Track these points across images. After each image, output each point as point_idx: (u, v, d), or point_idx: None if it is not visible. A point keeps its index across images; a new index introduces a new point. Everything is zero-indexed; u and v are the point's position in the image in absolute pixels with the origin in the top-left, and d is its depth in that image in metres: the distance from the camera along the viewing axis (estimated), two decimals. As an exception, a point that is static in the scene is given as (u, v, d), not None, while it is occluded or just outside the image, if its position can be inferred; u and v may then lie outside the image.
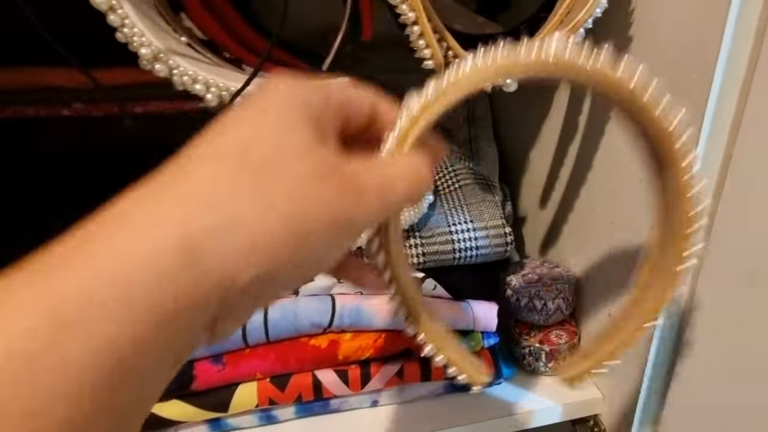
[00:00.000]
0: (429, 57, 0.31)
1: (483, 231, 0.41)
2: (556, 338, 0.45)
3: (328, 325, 0.39)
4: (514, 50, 0.21)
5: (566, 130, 0.47)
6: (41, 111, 0.44)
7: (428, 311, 0.25)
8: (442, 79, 0.21)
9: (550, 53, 0.20)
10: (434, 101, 0.21)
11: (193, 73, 0.31)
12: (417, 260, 0.40)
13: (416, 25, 0.29)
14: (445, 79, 0.21)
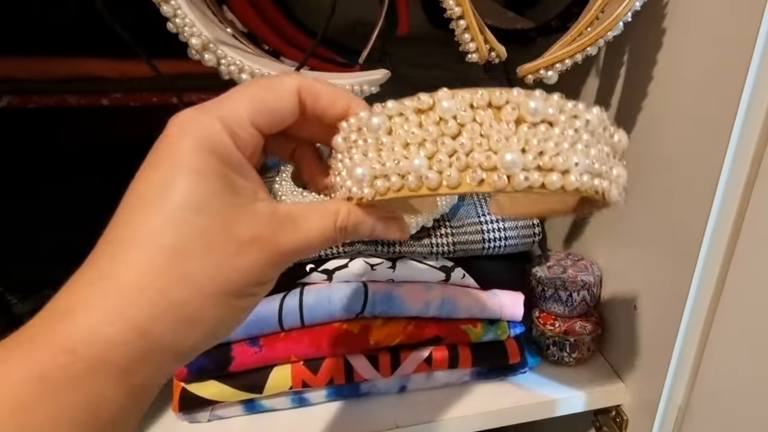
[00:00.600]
0: (473, 50, 0.31)
1: (512, 222, 0.42)
2: (581, 329, 0.46)
3: (361, 311, 0.40)
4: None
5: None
6: (82, 100, 0.46)
7: None
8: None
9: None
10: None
11: (240, 62, 0.32)
12: (447, 249, 0.41)
13: (462, 20, 0.30)
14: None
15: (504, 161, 0.18)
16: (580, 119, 0.19)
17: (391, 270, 0.41)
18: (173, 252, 0.17)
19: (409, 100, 0.20)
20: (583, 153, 0.19)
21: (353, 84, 0.34)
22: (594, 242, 0.50)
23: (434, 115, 0.19)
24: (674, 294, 0.37)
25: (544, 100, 0.19)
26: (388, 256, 0.41)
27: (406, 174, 0.19)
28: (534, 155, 0.18)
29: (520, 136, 0.18)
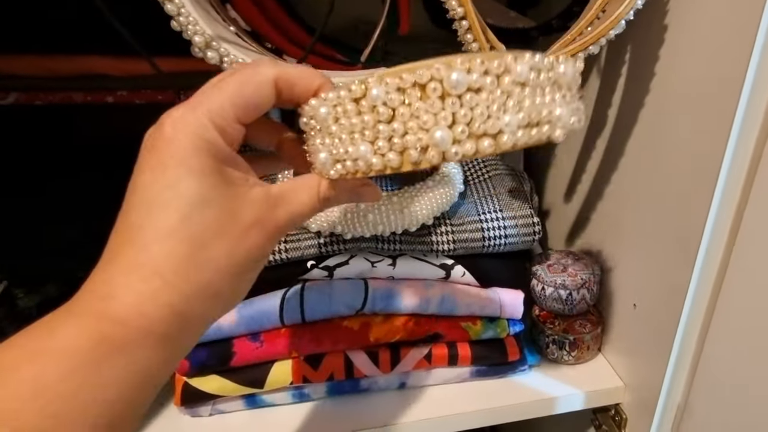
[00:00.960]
0: (476, 50, 0.32)
1: (512, 220, 0.42)
2: (581, 328, 0.46)
3: (361, 307, 0.40)
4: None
5: (595, 122, 0.48)
6: (88, 97, 0.46)
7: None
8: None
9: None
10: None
11: (243, 60, 0.32)
12: (447, 247, 0.41)
13: (464, 20, 0.30)
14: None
15: (434, 139, 0.19)
16: (510, 74, 0.19)
17: (392, 267, 0.41)
18: (191, 243, 0.20)
19: (345, 89, 0.21)
20: (514, 109, 0.19)
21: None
22: (594, 241, 0.50)
23: (367, 103, 0.20)
24: (673, 292, 0.38)
25: (466, 70, 0.19)
26: (389, 253, 0.41)
27: (356, 159, 0.21)
28: (463, 126, 0.19)
29: (447, 110, 0.19)
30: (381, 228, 0.38)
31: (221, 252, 0.21)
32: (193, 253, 0.20)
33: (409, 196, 0.39)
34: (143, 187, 0.21)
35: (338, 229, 0.38)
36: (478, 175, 0.47)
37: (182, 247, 0.20)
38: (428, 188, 0.40)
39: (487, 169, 0.47)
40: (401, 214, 0.38)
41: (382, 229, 0.38)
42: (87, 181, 0.55)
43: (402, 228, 0.39)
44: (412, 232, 0.40)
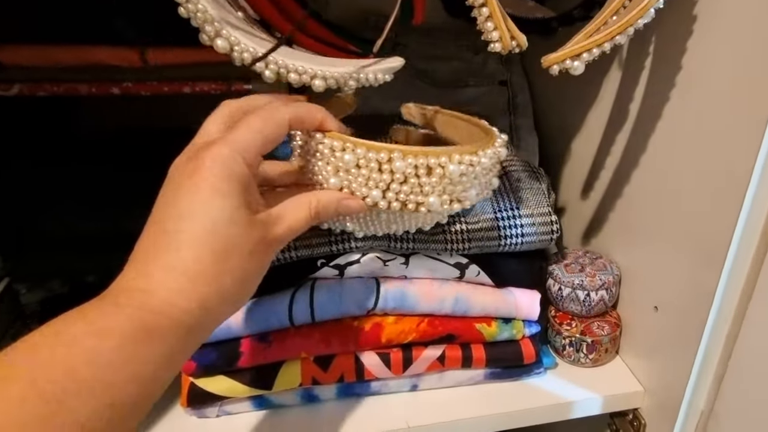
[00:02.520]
0: (496, 39, 0.30)
1: (529, 218, 0.41)
2: (598, 329, 0.45)
3: (372, 307, 0.39)
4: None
5: (615, 117, 0.46)
6: (93, 88, 0.45)
7: None
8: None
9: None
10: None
11: (254, 50, 0.31)
12: (462, 246, 0.39)
13: (484, 7, 0.29)
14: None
15: (428, 202, 0.31)
16: (479, 165, 0.31)
17: (405, 266, 0.40)
18: (216, 253, 0.25)
19: (374, 152, 0.29)
20: (475, 186, 0.32)
21: (368, 72, 0.33)
22: (612, 240, 0.48)
23: (389, 167, 0.29)
24: (699, 295, 0.36)
25: (459, 163, 0.30)
26: (402, 252, 0.40)
27: (366, 196, 0.30)
28: (450, 197, 0.31)
29: (440, 186, 0.30)
30: (394, 227, 0.37)
31: (236, 264, 0.25)
32: (217, 261, 0.24)
33: None
34: (181, 203, 0.25)
35: (349, 227, 0.37)
36: (494, 171, 0.45)
37: (209, 256, 0.24)
38: None
39: (502, 164, 0.45)
40: (415, 212, 0.37)
41: (396, 228, 0.37)
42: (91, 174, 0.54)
43: (416, 226, 0.38)
44: (426, 231, 0.38)
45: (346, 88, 0.34)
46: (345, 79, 0.33)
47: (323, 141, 0.30)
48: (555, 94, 0.60)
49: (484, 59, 0.66)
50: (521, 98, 0.63)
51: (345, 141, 0.29)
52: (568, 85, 0.56)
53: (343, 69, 0.33)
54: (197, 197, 0.25)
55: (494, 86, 0.63)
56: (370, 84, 0.34)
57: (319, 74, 0.32)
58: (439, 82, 0.62)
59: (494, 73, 0.64)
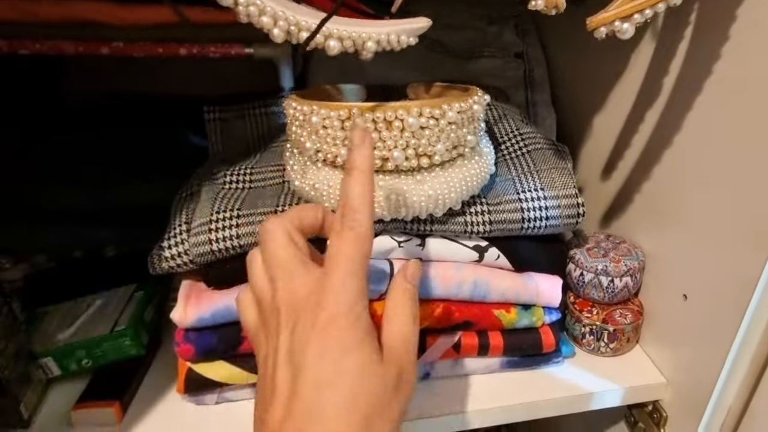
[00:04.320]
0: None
1: (554, 200, 0.38)
2: (621, 317, 0.43)
3: (385, 290, 0.36)
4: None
5: (645, 92, 0.43)
6: (80, 47, 0.41)
7: None
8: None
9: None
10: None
11: (261, 3, 0.27)
12: (483, 228, 0.37)
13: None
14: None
15: (393, 156, 0.32)
16: (444, 118, 0.32)
17: (420, 248, 0.37)
18: (366, 417, 0.23)
19: (335, 111, 0.31)
20: (442, 141, 0.33)
21: (390, 32, 0.30)
22: (636, 223, 0.46)
23: (350, 124, 0.31)
24: (738, 283, 0.33)
25: (419, 116, 0.31)
26: (418, 232, 0.37)
27: (336, 156, 0.32)
28: (411, 150, 0.32)
29: (403, 139, 0.32)
30: (404, 212, 0.34)
31: (386, 417, 0.23)
32: (367, 426, 0.22)
33: (435, 176, 0.34)
34: (310, 366, 0.23)
35: None
36: (515, 149, 0.42)
37: (356, 424, 0.22)
38: (457, 167, 0.35)
39: (525, 142, 0.42)
40: (426, 197, 0.34)
41: (405, 213, 0.34)
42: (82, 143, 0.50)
43: (426, 213, 0.35)
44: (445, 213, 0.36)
45: (365, 52, 0.30)
46: (364, 40, 0.29)
47: (296, 107, 0.32)
48: (574, 68, 0.56)
49: (500, 29, 0.62)
50: (538, 72, 0.59)
51: (311, 105, 0.32)
52: (590, 59, 0.52)
53: (361, 29, 0.29)
54: (327, 356, 0.23)
55: (510, 59, 0.59)
56: (391, 48, 0.30)
57: (335, 33, 0.29)
58: (452, 52, 0.58)
59: (509, 45, 0.60)
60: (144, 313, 0.39)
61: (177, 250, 0.34)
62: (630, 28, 0.27)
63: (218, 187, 0.38)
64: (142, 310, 0.39)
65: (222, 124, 0.45)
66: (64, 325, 0.37)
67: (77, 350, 0.36)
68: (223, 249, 0.34)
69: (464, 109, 0.33)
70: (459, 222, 0.36)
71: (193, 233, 0.34)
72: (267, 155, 0.42)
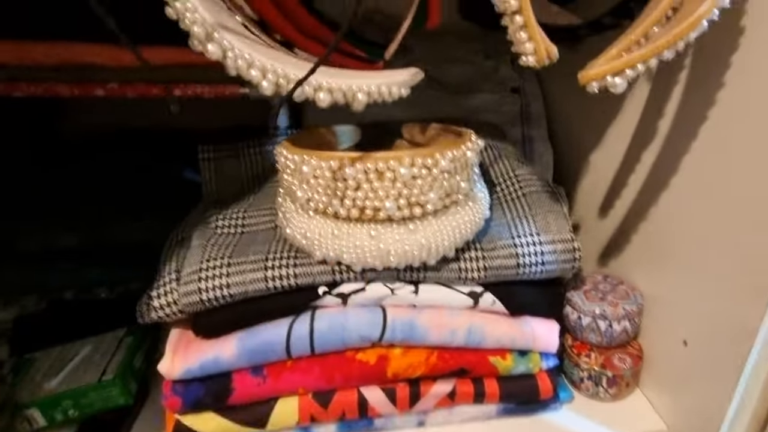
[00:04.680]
0: (531, 52, 0.26)
1: (550, 245, 0.37)
2: (620, 362, 0.42)
3: (379, 338, 0.36)
4: None
5: (642, 133, 0.43)
6: (75, 90, 0.41)
7: None
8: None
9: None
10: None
11: (249, 56, 0.27)
12: (477, 275, 0.36)
13: (518, 15, 0.25)
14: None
15: (385, 207, 0.32)
16: (437, 167, 0.32)
17: (414, 294, 0.36)
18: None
19: (325, 161, 0.31)
20: (435, 190, 0.32)
21: (380, 84, 0.30)
22: (634, 264, 0.45)
23: (341, 175, 0.31)
24: (740, 332, 0.33)
25: (411, 166, 0.31)
26: (411, 279, 0.36)
27: (327, 206, 0.32)
28: (404, 200, 0.32)
29: (395, 189, 0.31)
30: (395, 261, 0.33)
31: None
32: None
33: (428, 225, 0.34)
34: None
35: (345, 259, 0.33)
36: (510, 192, 0.42)
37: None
38: (451, 214, 0.35)
39: (520, 184, 0.42)
40: (419, 246, 0.33)
41: (397, 263, 0.33)
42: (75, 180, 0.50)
43: (419, 261, 0.34)
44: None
45: (355, 104, 0.30)
46: (354, 92, 0.29)
47: (288, 156, 0.32)
48: (571, 104, 0.56)
49: (496, 64, 0.62)
50: (535, 107, 0.59)
51: (302, 154, 0.31)
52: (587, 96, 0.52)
53: (351, 81, 0.29)
54: None
55: (506, 93, 0.60)
56: (383, 99, 0.30)
57: (324, 86, 0.29)
58: (449, 87, 0.58)
59: (506, 80, 0.61)
60: (133, 360, 0.39)
61: (166, 300, 0.34)
62: (622, 83, 0.26)
63: (209, 232, 0.37)
64: (131, 357, 0.39)
65: (216, 163, 0.45)
66: (51, 374, 0.37)
67: (63, 400, 0.35)
68: (213, 298, 0.33)
69: (457, 157, 0.33)
70: (453, 269, 0.36)
71: (183, 282, 0.34)
72: (261, 197, 0.42)
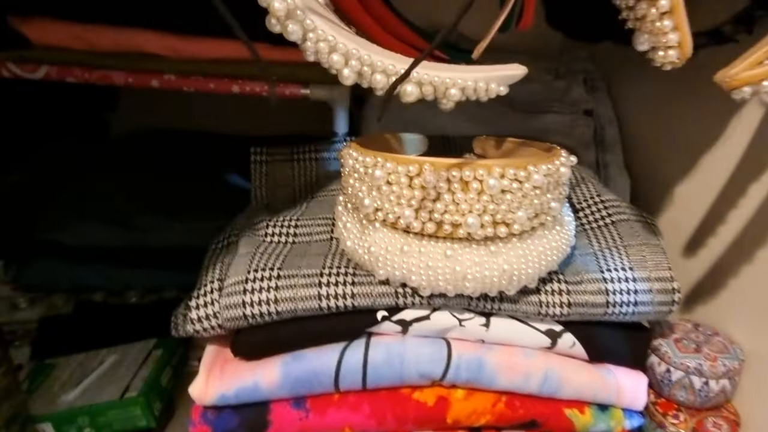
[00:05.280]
0: (674, 44, 0.22)
1: (645, 282, 0.32)
2: (714, 428, 0.35)
3: (441, 377, 0.31)
4: None
5: (749, 162, 0.37)
6: (130, 79, 0.39)
7: None
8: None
9: None
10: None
11: (333, 39, 0.24)
12: (560, 311, 0.31)
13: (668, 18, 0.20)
14: None
15: (466, 223, 0.27)
16: (529, 181, 0.27)
17: (485, 328, 0.31)
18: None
19: (403, 166, 0.27)
20: (525, 207, 0.28)
21: (478, 79, 0.26)
22: (730, 312, 0.39)
23: (419, 182, 0.27)
24: None
25: (501, 177, 0.27)
26: (483, 311, 0.31)
27: (398, 217, 0.28)
28: (489, 216, 0.27)
29: (480, 203, 0.27)
30: (471, 287, 0.28)
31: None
32: None
33: (512, 248, 0.29)
34: None
35: (413, 281, 0.29)
36: (596, 219, 0.37)
37: None
38: (537, 238, 0.30)
39: (608, 211, 0.37)
40: (501, 272, 0.28)
41: (473, 290, 0.29)
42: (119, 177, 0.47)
43: (497, 290, 0.29)
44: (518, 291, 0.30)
45: (445, 100, 0.26)
46: (446, 87, 0.25)
47: (357, 158, 0.29)
48: (651, 129, 0.51)
49: (567, 84, 0.58)
50: (609, 131, 0.55)
51: (376, 156, 0.28)
52: (673, 119, 0.47)
53: (444, 73, 0.25)
54: None
55: (578, 116, 0.55)
56: (477, 97, 0.26)
57: (414, 77, 0.25)
58: (516, 105, 0.54)
59: (578, 101, 0.56)
60: (161, 376, 0.35)
61: (206, 312, 0.30)
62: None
63: (258, 240, 0.34)
64: (158, 373, 0.35)
65: (268, 167, 0.41)
66: (70, 384, 0.33)
67: (80, 417, 0.31)
68: (258, 314, 0.29)
69: (551, 172, 0.28)
70: (533, 301, 0.31)
71: (226, 293, 0.30)
72: (314, 206, 0.38)
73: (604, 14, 0.39)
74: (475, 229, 0.27)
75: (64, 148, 0.51)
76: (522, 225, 0.28)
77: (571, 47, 0.62)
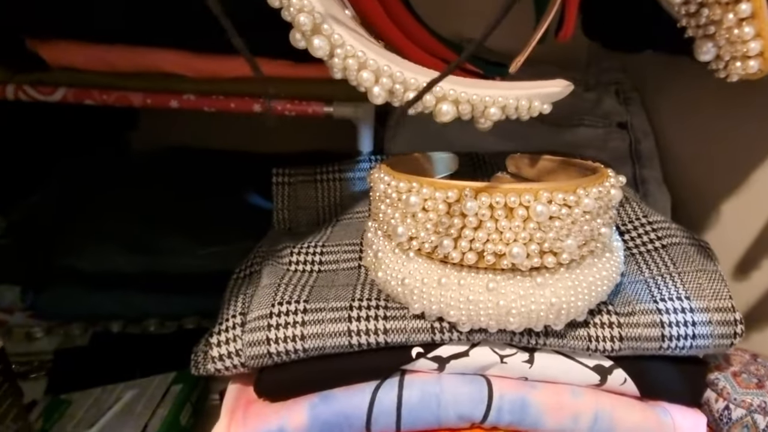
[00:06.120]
0: (755, 54, 0.19)
1: (704, 313, 0.29)
2: (782, 473, 0.32)
3: (482, 419, 0.28)
4: None
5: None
6: (149, 100, 0.38)
7: None
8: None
9: None
10: None
11: (363, 55, 0.22)
12: (610, 345, 0.28)
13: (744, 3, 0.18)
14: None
15: (512, 253, 0.25)
16: (579, 206, 0.25)
17: (528, 365, 0.29)
18: None
19: (441, 191, 0.25)
20: (574, 235, 0.25)
21: (519, 97, 0.23)
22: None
23: (459, 209, 0.25)
24: None
25: (549, 202, 0.24)
26: (527, 346, 0.29)
27: (436, 246, 0.26)
28: (536, 245, 0.25)
29: (526, 231, 0.25)
30: (515, 322, 0.26)
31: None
32: None
33: (560, 278, 0.26)
34: None
35: (452, 315, 0.26)
36: (644, 242, 0.34)
37: None
38: (586, 267, 0.27)
39: (657, 234, 0.34)
40: (548, 305, 0.26)
41: (517, 325, 0.26)
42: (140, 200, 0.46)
43: (542, 325, 0.27)
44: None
45: (483, 119, 0.24)
46: (486, 105, 0.23)
47: (390, 183, 0.27)
48: (692, 144, 0.49)
49: (598, 96, 0.55)
50: (645, 145, 0.52)
51: (411, 180, 0.26)
52: (718, 134, 0.45)
53: (483, 91, 0.23)
54: None
55: (612, 129, 0.53)
56: (518, 116, 0.24)
57: (450, 95, 0.23)
58: (546, 119, 0.52)
59: (611, 114, 0.54)
60: (180, 415, 0.33)
61: (227, 349, 0.28)
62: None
63: (282, 270, 0.32)
64: (177, 411, 0.33)
65: (290, 189, 0.39)
66: (85, 423, 0.31)
67: (95, 460, 0.30)
68: (283, 352, 0.27)
69: (601, 195, 0.26)
70: (581, 336, 0.28)
71: (249, 328, 0.28)
72: (339, 230, 0.36)
73: (648, 22, 0.37)
74: (520, 260, 0.25)
75: (83, 168, 0.50)
76: (571, 254, 0.25)
77: (600, 57, 0.60)
